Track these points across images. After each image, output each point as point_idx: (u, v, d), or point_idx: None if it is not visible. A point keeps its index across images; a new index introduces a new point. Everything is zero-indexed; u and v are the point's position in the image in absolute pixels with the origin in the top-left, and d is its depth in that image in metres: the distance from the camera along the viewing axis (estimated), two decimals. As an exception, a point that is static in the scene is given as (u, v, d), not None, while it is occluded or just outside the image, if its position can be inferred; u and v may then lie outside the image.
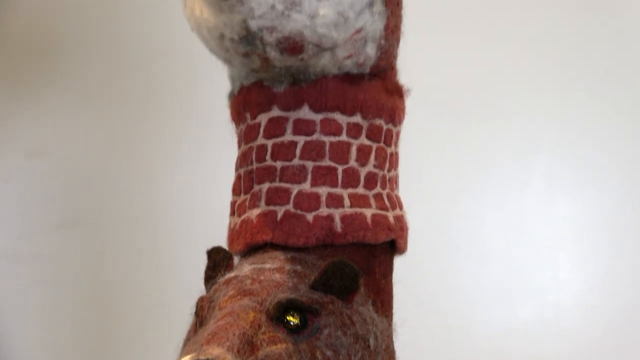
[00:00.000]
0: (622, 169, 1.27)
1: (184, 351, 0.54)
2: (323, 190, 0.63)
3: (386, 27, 0.64)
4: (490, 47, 1.29)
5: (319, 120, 0.63)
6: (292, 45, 0.59)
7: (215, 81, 0.71)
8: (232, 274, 0.61)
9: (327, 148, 0.64)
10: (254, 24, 0.58)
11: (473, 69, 1.28)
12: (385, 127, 0.66)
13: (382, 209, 0.65)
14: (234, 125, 0.68)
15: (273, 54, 0.60)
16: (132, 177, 1.32)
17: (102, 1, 1.35)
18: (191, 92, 1.30)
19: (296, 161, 0.63)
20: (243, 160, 0.66)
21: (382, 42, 0.64)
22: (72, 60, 1.34)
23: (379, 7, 0.62)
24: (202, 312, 0.59)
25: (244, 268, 0.61)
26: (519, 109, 1.29)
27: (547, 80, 1.29)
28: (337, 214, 0.63)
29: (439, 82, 1.26)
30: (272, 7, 0.58)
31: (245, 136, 0.66)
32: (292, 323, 0.56)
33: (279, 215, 0.63)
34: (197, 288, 0.63)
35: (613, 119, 1.28)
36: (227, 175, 0.73)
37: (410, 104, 0.69)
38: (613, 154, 1.27)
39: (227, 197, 0.71)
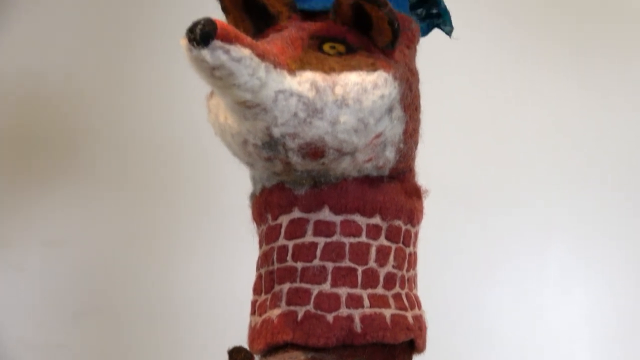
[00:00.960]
0: (638, 260, 1.27)
1: None
2: (343, 291, 0.64)
3: (405, 131, 0.65)
4: (504, 141, 1.31)
5: (339, 222, 0.65)
6: (314, 151, 0.61)
7: (234, 178, 0.73)
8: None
9: (347, 249, 0.65)
10: (277, 131, 0.60)
11: (487, 162, 1.30)
12: (404, 228, 0.67)
13: (401, 309, 0.66)
14: (255, 225, 0.69)
15: (295, 159, 0.62)
16: (149, 268, 1.32)
17: (120, 93, 1.37)
18: (210, 187, 1.32)
19: (316, 262, 0.65)
20: (264, 260, 0.67)
21: (401, 145, 0.65)
22: (89, 150, 1.36)
23: (398, 112, 0.64)
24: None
25: (265, 368, 0.62)
26: (533, 201, 1.30)
27: (561, 173, 1.30)
28: (356, 314, 0.64)
29: (453, 176, 1.27)
30: (295, 114, 0.60)
31: (267, 237, 0.67)
32: None
33: (300, 316, 0.64)
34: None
35: (627, 210, 1.29)
36: (245, 271, 0.74)
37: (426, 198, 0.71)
38: (629, 247, 1.28)
39: (245, 291, 0.72)
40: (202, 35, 0.54)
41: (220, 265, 1.30)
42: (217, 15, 0.68)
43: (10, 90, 1.36)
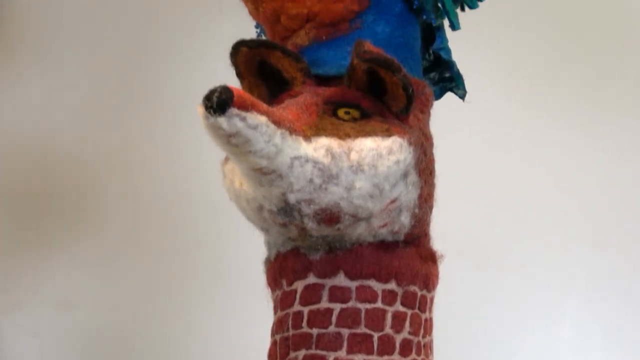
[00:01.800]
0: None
1: None
2: (359, 358, 0.64)
3: (420, 196, 0.66)
4: (516, 199, 1.31)
5: (354, 288, 0.65)
6: (329, 217, 0.61)
7: (248, 239, 0.73)
8: None
9: (362, 315, 0.65)
10: (292, 197, 0.60)
11: (500, 223, 1.30)
12: (419, 293, 0.67)
13: (417, 375, 0.65)
14: (269, 290, 0.69)
15: (310, 224, 0.62)
16: (163, 329, 1.32)
17: (130, 152, 1.38)
18: (224, 248, 1.32)
19: (332, 328, 0.64)
20: (279, 326, 0.67)
21: (416, 210, 0.66)
22: (100, 210, 1.36)
23: (413, 177, 0.64)
24: None
25: None
26: (547, 261, 1.29)
27: (575, 231, 1.30)
28: (373, 380, 0.64)
29: (467, 236, 1.27)
30: (310, 180, 0.60)
31: (282, 303, 0.67)
32: None
33: (316, 382, 0.64)
34: None
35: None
36: (259, 337, 0.74)
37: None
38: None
39: (260, 358, 0.71)
40: (219, 103, 0.55)
41: (236, 330, 1.30)
42: (232, 80, 0.69)
43: (19, 150, 1.36)
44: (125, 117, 1.37)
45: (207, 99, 0.55)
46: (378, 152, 0.61)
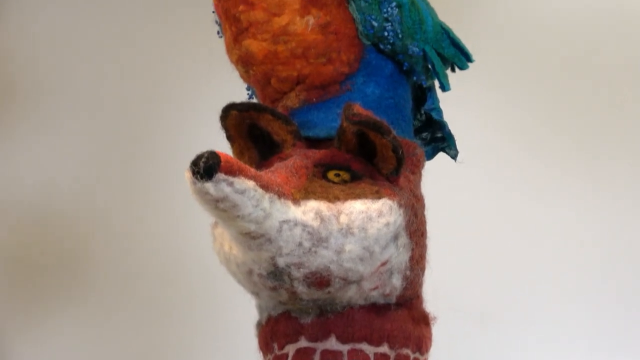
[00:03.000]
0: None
1: None
2: (351, 421, 0.63)
3: (411, 258, 0.65)
4: (515, 256, 1.30)
5: (346, 352, 0.64)
6: (319, 280, 0.61)
7: (241, 304, 0.72)
8: None
9: (354, 379, 0.64)
10: (281, 261, 0.60)
11: (499, 278, 1.29)
12: (412, 356, 0.66)
13: None
14: (261, 354, 0.69)
15: (300, 288, 0.62)
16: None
17: (123, 216, 1.37)
18: (216, 312, 1.31)
19: (324, 392, 0.64)
20: (271, 390, 0.66)
21: (408, 272, 0.65)
22: (93, 276, 1.35)
23: (403, 239, 0.64)
24: None
25: None
26: (545, 317, 1.28)
27: (576, 285, 1.29)
28: None
29: (464, 292, 1.27)
30: (300, 244, 0.60)
31: (273, 367, 0.66)
32: None
33: None
34: None
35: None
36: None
37: (438, 314, 0.70)
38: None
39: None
40: (205, 168, 0.55)
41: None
42: (223, 144, 0.69)
43: (11, 216, 1.36)
44: (118, 181, 1.37)
45: (194, 164, 0.55)
46: (368, 214, 0.61)
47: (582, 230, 1.31)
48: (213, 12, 0.73)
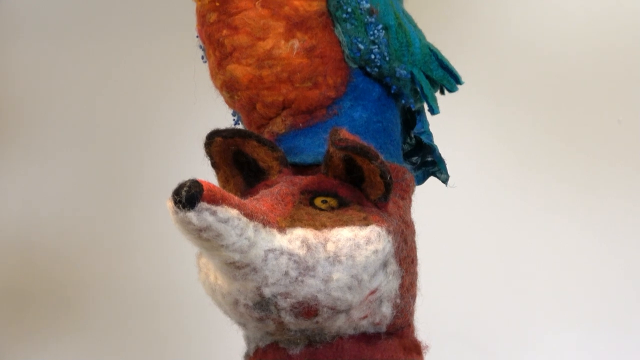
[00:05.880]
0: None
1: None
2: None
3: (401, 286, 0.64)
4: (510, 283, 1.29)
5: (336, 383, 0.63)
6: (307, 310, 0.60)
7: (232, 332, 0.71)
8: None
9: (345, 411, 0.62)
10: (267, 291, 0.59)
11: (494, 305, 1.28)
12: (404, 386, 0.65)
13: None
14: (250, 388, 0.67)
15: (288, 318, 0.60)
16: None
17: (115, 249, 1.36)
18: (208, 341, 1.30)
19: None
20: None
21: (398, 300, 0.64)
22: (84, 306, 1.34)
23: (393, 267, 0.63)
24: None
25: None
26: (540, 344, 1.27)
27: (571, 312, 1.28)
28: None
29: (457, 320, 1.26)
30: (286, 273, 0.58)
31: (262, 399, 0.65)
32: None
33: None
34: None
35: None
36: None
37: (430, 343, 0.69)
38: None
39: None
40: (188, 197, 0.53)
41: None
42: (208, 171, 0.67)
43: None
44: (104, 212, 1.36)
45: (176, 193, 0.54)
46: (355, 242, 0.60)
47: (578, 254, 1.31)
48: (197, 36, 0.72)
